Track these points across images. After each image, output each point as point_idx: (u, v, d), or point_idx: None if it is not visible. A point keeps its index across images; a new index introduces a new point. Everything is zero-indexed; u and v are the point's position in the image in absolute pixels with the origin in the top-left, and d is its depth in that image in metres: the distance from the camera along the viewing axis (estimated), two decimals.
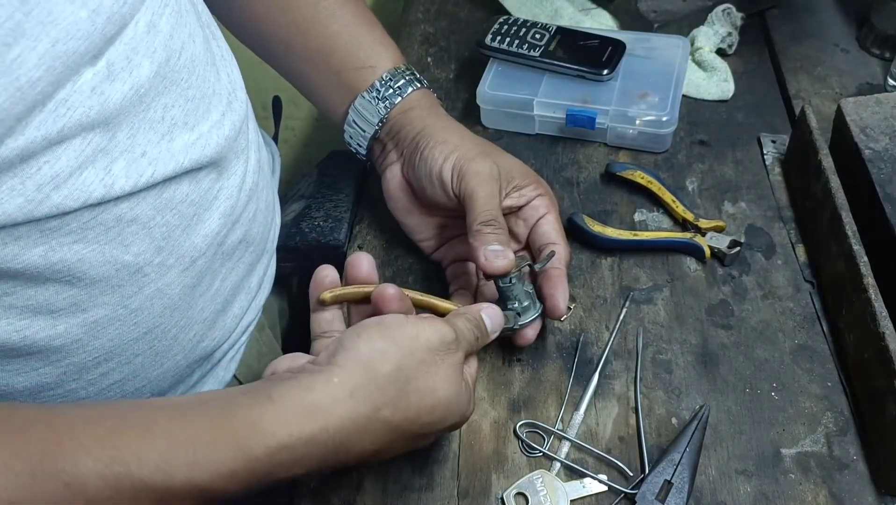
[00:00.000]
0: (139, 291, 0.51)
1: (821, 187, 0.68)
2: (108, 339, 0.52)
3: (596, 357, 0.64)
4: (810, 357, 0.64)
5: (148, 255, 0.50)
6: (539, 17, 0.93)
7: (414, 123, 0.66)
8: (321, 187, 0.80)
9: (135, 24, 0.45)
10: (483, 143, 0.66)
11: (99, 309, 0.50)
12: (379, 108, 0.67)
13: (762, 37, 0.94)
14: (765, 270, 0.70)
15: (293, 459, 0.44)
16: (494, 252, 0.57)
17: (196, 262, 0.55)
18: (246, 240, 0.61)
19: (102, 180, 0.45)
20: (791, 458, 0.58)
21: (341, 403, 0.45)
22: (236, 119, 0.56)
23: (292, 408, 0.44)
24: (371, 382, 0.46)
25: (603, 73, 0.81)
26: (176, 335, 0.57)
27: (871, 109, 0.71)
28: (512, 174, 0.63)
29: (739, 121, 0.84)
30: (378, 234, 0.75)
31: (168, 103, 0.49)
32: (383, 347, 0.47)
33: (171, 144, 0.49)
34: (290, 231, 0.75)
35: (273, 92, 0.89)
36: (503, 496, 0.56)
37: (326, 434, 0.44)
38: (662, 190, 0.75)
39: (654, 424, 0.60)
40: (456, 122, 0.68)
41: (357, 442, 0.46)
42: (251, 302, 0.66)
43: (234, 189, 0.57)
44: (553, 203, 0.65)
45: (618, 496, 0.56)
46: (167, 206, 0.50)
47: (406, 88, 0.68)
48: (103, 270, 0.48)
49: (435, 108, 0.69)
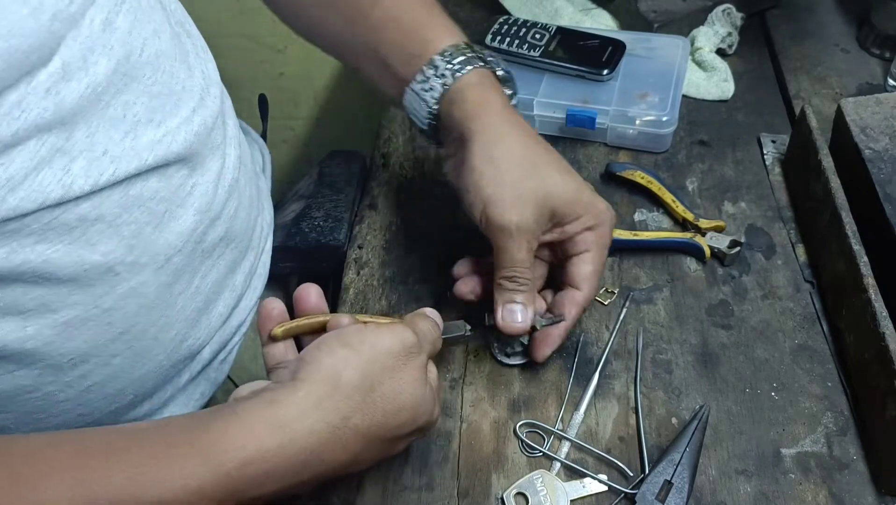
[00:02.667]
0: (111, 291, 0.50)
1: (821, 187, 0.68)
2: (82, 340, 0.51)
3: (596, 357, 0.64)
4: (810, 357, 0.64)
5: (118, 253, 0.49)
6: (539, 17, 0.93)
7: (457, 126, 0.61)
8: (321, 187, 0.80)
9: (89, 21, 0.44)
10: (531, 165, 0.58)
11: (70, 309, 0.49)
12: (428, 102, 0.62)
13: (762, 37, 0.94)
14: (765, 270, 0.70)
15: (264, 473, 0.43)
16: (511, 312, 0.58)
17: (172, 259, 0.54)
18: (227, 237, 0.60)
19: (60, 181, 0.44)
20: (791, 458, 0.58)
21: (308, 414, 0.45)
22: (208, 115, 0.55)
23: (259, 421, 0.44)
24: (336, 391, 0.46)
25: (603, 73, 0.81)
26: (156, 335, 0.55)
27: (871, 109, 0.71)
28: (557, 209, 0.58)
29: (739, 121, 0.84)
30: (378, 234, 0.75)
31: (129, 101, 0.48)
32: (345, 357, 0.47)
33: (136, 142, 0.48)
34: (290, 231, 0.75)
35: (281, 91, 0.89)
36: (503, 496, 0.56)
37: (297, 445, 0.44)
38: (662, 190, 0.75)
39: (654, 424, 0.60)
40: (505, 126, 0.60)
41: (329, 452, 0.46)
42: (238, 301, 0.65)
43: (209, 185, 0.56)
44: (601, 238, 0.60)
45: (618, 496, 0.56)
46: (134, 204, 0.49)
47: (443, 81, 0.60)
48: (71, 270, 0.47)
49: (482, 105, 0.61)
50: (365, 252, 0.73)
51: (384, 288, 0.70)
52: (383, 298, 0.70)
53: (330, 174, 0.82)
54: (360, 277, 0.71)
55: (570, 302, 0.60)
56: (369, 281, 0.71)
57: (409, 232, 0.75)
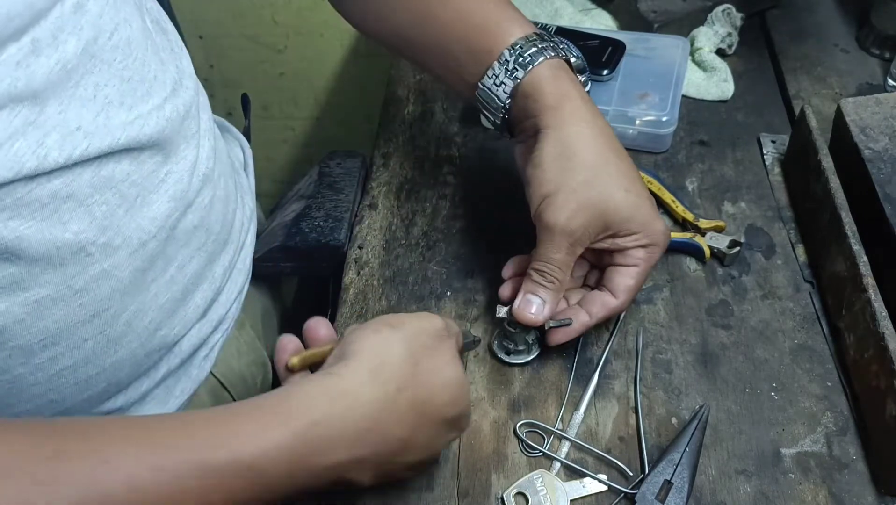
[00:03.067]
0: (83, 271, 0.51)
1: (821, 187, 0.68)
2: (52, 320, 0.51)
3: (596, 357, 0.64)
4: (810, 357, 0.64)
5: (90, 234, 0.50)
6: (539, 17, 0.93)
7: (531, 119, 0.60)
8: (321, 187, 0.80)
9: (61, 4, 0.45)
10: (595, 174, 0.58)
11: (41, 288, 0.49)
12: (500, 97, 0.62)
13: (762, 37, 0.94)
14: (765, 270, 0.70)
15: (330, 438, 0.45)
16: (529, 303, 0.60)
17: (146, 245, 0.54)
18: (203, 226, 0.60)
19: (35, 152, 0.45)
20: (791, 458, 0.58)
21: (366, 383, 0.47)
22: (181, 104, 0.56)
23: (321, 390, 0.47)
24: (387, 364, 0.48)
25: (603, 73, 0.81)
26: (129, 321, 0.55)
27: (871, 109, 0.71)
28: (611, 223, 0.58)
29: (739, 121, 0.84)
30: (378, 234, 0.75)
31: (100, 82, 0.49)
32: (388, 335, 0.50)
33: (108, 121, 0.49)
34: (290, 231, 0.75)
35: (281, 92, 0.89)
36: (503, 496, 0.56)
37: (359, 412, 0.46)
38: (662, 190, 0.75)
39: (654, 423, 0.60)
40: (579, 125, 0.59)
41: (387, 423, 0.47)
42: (217, 294, 0.64)
43: (184, 173, 0.56)
44: (650, 256, 0.60)
45: (618, 496, 0.56)
46: (106, 185, 0.50)
47: (514, 76, 0.60)
48: (43, 248, 0.48)
49: (558, 99, 0.60)
50: (365, 252, 0.73)
51: (384, 288, 0.70)
52: (383, 297, 0.70)
53: (330, 174, 0.82)
54: (360, 277, 0.71)
55: (601, 305, 0.61)
56: (369, 281, 0.71)
57: (409, 232, 0.75)
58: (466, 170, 0.80)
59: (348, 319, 0.68)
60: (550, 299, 0.60)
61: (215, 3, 1.19)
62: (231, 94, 1.30)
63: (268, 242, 0.77)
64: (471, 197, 0.78)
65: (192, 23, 1.20)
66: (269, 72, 1.29)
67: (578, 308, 0.62)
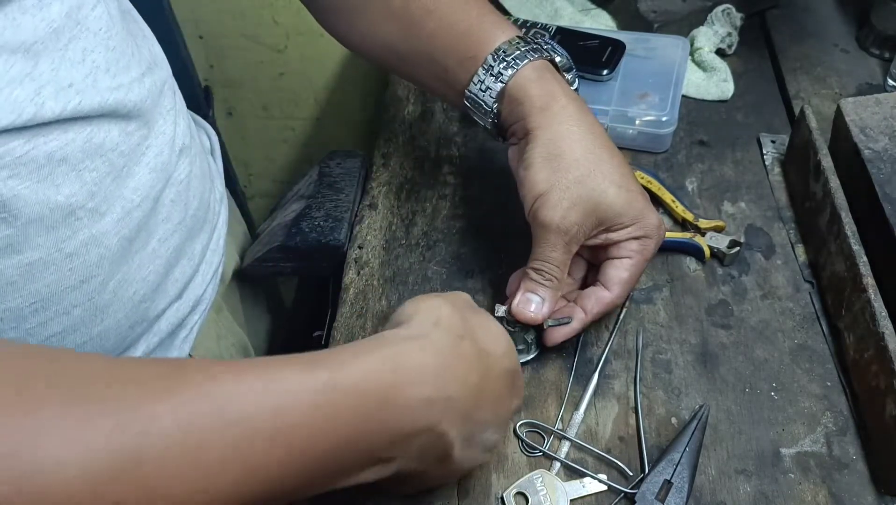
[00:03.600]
0: (73, 236, 0.52)
1: (820, 187, 0.68)
2: (43, 284, 0.52)
3: (596, 357, 0.64)
4: (810, 357, 0.64)
5: (80, 198, 0.52)
6: (539, 17, 0.93)
7: (520, 122, 0.61)
8: (321, 187, 0.80)
9: None
10: (587, 171, 0.59)
11: (34, 251, 0.51)
12: (487, 102, 0.62)
13: (762, 37, 0.94)
14: (764, 270, 0.70)
15: (414, 368, 0.46)
16: (528, 302, 0.60)
17: (131, 214, 0.56)
18: (181, 201, 0.62)
19: (33, 100, 0.47)
20: (791, 458, 0.58)
21: (431, 330, 0.48)
22: (158, 80, 0.59)
23: (393, 334, 0.48)
24: (442, 319, 0.49)
25: (603, 73, 0.81)
26: (115, 290, 0.57)
27: (871, 109, 0.71)
28: (605, 218, 0.59)
29: (739, 121, 0.84)
30: (378, 234, 0.75)
31: (87, 48, 0.51)
32: (434, 300, 0.51)
33: (96, 83, 0.51)
34: (291, 231, 0.75)
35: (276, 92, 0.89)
36: (503, 496, 0.56)
37: (431, 350, 0.47)
38: (662, 190, 0.75)
39: (653, 423, 0.60)
40: (567, 123, 0.60)
41: (459, 367, 0.48)
42: (194, 272, 0.66)
43: (164, 147, 0.59)
44: (644, 248, 0.61)
45: (617, 496, 0.56)
46: (97, 153, 0.52)
47: (499, 80, 0.61)
48: (37, 209, 0.49)
49: (545, 100, 0.60)
50: (365, 252, 0.73)
51: (384, 288, 0.70)
52: (383, 297, 0.70)
53: (330, 174, 0.82)
54: (360, 276, 0.71)
55: (596, 300, 0.61)
56: (369, 281, 0.71)
57: (409, 232, 0.75)
58: (466, 170, 0.81)
59: (348, 319, 0.68)
60: (549, 297, 0.60)
61: (215, 3, 1.19)
62: (231, 94, 1.30)
63: (268, 242, 0.77)
64: (471, 197, 0.78)
65: (192, 23, 1.20)
66: (269, 72, 1.28)
67: (574, 305, 0.62)
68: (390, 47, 0.68)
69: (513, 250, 0.66)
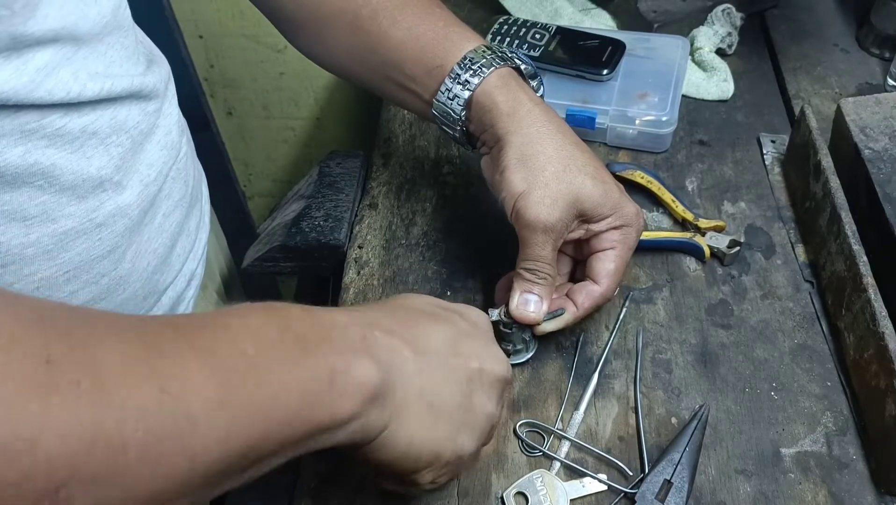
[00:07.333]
0: (101, 206, 0.55)
1: (820, 187, 0.68)
2: (75, 252, 0.54)
3: (596, 357, 0.64)
4: (810, 357, 0.64)
5: (107, 171, 0.54)
6: (539, 17, 0.93)
7: (489, 129, 0.62)
8: (321, 187, 0.80)
9: None
10: (562, 167, 0.60)
11: (67, 220, 0.53)
12: (455, 111, 0.63)
13: (762, 37, 0.94)
14: (764, 270, 0.70)
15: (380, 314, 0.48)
16: (526, 302, 0.61)
17: (148, 188, 0.59)
18: (181, 178, 0.64)
19: (77, 80, 0.51)
20: (791, 457, 0.58)
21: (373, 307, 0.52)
22: (164, 70, 0.63)
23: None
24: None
25: (603, 73, 0.81)
26: (133, 260, 0.59)
27: (871, 109, 0.71)
28: (585, 210, 0.60)
29: (739, 121, 0.84)
30: (378, 233, 0.75)
31: (112, 42, 0.55)
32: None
33: (121, 70, 0.56)
34: (291, 231, 0.75)
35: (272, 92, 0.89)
36: (503, 496, 0.56)
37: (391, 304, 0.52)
38: (662, 190, 0.75)
39: (653, 423, 0.60)
40: (536, 125, 0.61)
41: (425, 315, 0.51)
42: (191, 247, 0.68)
43: (172, 126, 0.62)
44: (626, 238, 0.62)
45: (617, 496, 0.56)
46: (121, 129, 0.55)
47: (466, 88, 0.62)
48: (71, 178, 0.52)
49: (512, 106, 0.61)
50: (365, 252, 0.73)
51: (384, 288, 0.70)
52: (383, 297, 0.70)
53: (330, 174, 0.82)
54: (360, 276, 0.71)
55: (586, 294, 0.62)
56: (369, 281, 0.71)
57: (409, 232, 0.75)
58: (466, 170, 0.81)
59: None
60: (546, 295, 0.61)
61: (215, 3, 1.19)
62: (231, 94, 1.30)
63: (268, 242, 0.77)
64: (471, 197, 0.78)
65: (192, 23, 1.20)
66: (269, 72, 1.28)
67: (566, 299, 0.63)
68: (358, 59, 0.68)
69: (513, 250, 0.66)
